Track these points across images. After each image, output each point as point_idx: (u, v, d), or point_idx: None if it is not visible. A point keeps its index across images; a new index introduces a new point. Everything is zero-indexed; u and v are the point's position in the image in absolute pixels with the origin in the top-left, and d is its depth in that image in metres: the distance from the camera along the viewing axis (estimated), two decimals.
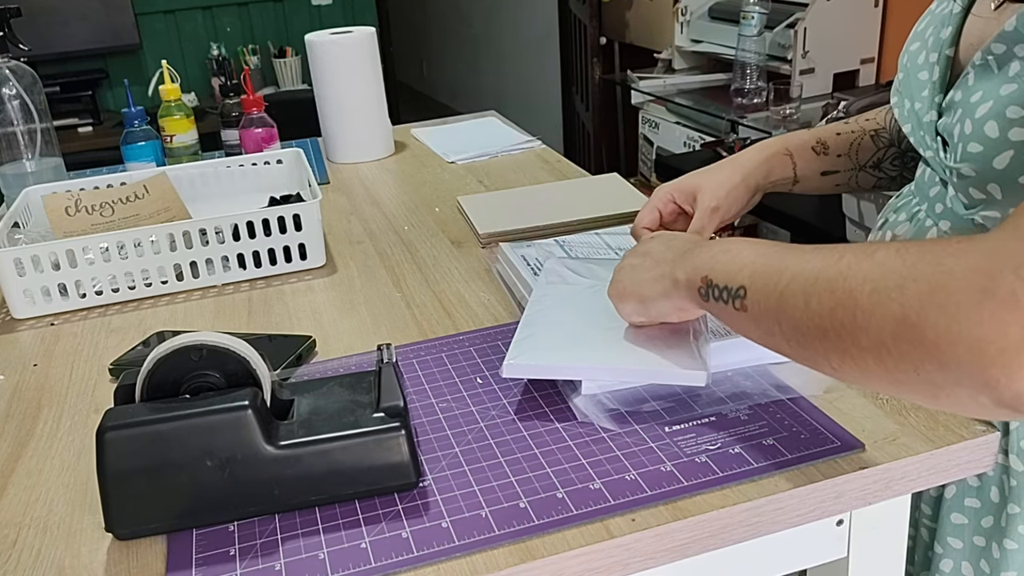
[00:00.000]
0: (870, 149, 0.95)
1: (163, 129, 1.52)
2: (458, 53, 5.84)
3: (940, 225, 0.79)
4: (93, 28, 3.65)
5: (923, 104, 0.79)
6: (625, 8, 3.31)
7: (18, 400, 0.85)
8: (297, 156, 1.31)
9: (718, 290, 0.64)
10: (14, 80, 1.38)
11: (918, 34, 0.84)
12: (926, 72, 0.80)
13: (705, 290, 0.66)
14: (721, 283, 0.64)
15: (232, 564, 0.60)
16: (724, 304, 0.63)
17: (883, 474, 0.64)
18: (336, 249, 1.16)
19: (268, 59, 4.04)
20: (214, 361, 0.65)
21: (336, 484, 0.64)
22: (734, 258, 0.64)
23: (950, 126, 0.74)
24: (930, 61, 0.79)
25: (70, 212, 1.13)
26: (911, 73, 0.82)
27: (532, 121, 3.55)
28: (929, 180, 0.82)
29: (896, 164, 0.95)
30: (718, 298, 0.64)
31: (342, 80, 1.53)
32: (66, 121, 3.50)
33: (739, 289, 0.62)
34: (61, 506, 0.68)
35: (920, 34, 0.83)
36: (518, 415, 0.73)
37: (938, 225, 0.80)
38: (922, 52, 0.81)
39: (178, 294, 1.07)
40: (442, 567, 0.58)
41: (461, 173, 1.46)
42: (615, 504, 0.62)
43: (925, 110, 0.79)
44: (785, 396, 0.73)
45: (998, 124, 0.67)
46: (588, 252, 1.01)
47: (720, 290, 0.64)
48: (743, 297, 0.61)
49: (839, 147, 0.95)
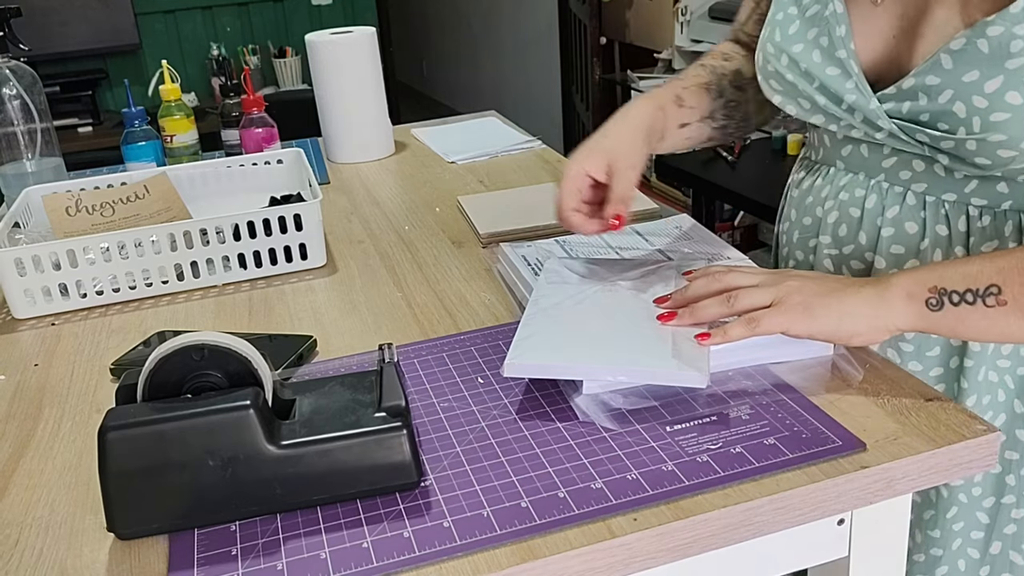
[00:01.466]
0: (707, 98, 0.98)
1: (163, 129, 1.52)
2: (458, 53, 5.84)
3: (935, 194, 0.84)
4: (93, 28, 3.65)
5: (856, 96, 0.83)
6: (625, 8, 3.32)
7: (19, 400, 0.85)
8: (297, 156, 1.32)
9: (958, 295, 0.70)
10: (14, 80, 1.38)
11: (791, 37, 0.88)
12: (835, 68, 0.84)
13: (937, 299, 0.70)
14: (961, 288, 0.69)
15: (234, 564, 0.60)
16: (970, 306, 0.69)
17: (884, 473, 0.64)
18: (337, 249, 1.16)
19: (268, 59, 4.05)
20: (216, 361, 0.65)
21: (338, 484, 0.64)
22: (958, 267, 0.71)
23: (927, 108, 0.78)
24: (837, 57, 0.84)
25: (70, 212, 1.13)
26: (814, 71, 0.86)
27: (532, 121, 3.55)
28: (874, 156, 0.87)
29: (724, 114, 0.99)
30: (959, 303, 0.70)
31: (342, 80, 1.53)
32: (66, 121, 3.51)
33: (990, 287, 0.69)
34: (63, 506, 0.68)
35: (797, 36, 0.87)
36: (519, 414, 0.74)
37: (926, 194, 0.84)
38: (813, 51, 0.86)
39: (179, 294, 1.07)
40: (444, 567, 0.58)
41: (461, 173, 1.46)
42: (617, 503, 0.62)
43: (861, 101, 0.82)
44: (786, 395, 0.73)
45: (1020, 92, 0.72)
46: (588, 252, 1.01)
47: (962, 294, 0.69)
48: (998, 293, 0.69)
49: (689, 98, 0.97)
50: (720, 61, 1.03)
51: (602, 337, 0.77)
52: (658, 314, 0.80)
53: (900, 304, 0.72)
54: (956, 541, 0.88)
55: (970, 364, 0.84)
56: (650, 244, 1.03)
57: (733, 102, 1.00)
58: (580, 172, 0.87)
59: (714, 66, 1.02)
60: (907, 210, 0.85)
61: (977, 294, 0.69)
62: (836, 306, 0.73)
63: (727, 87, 1.00)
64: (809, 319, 0.73)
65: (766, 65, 0.91)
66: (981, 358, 0.84)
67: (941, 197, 0.83)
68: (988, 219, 0.81)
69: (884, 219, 0.86)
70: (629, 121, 0.91)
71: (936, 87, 0.76)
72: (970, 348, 0.84)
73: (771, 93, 0.92)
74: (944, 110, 0.76)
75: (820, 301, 0.74)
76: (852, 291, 0.74)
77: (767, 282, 0.78)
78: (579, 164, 0.88)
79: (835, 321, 0.73)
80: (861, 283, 0.75)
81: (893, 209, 0.86)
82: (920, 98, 0.78)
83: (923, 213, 0.84)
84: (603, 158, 0.87)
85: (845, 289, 0.74)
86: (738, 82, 1.01)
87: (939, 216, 0.83)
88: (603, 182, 0.87)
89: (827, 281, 0.76)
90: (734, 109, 1.00)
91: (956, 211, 0.82)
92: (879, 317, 0.72)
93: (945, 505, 0.88)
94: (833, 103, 0.85)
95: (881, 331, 0.73)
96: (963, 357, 0.85)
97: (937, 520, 0.88)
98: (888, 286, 0.73)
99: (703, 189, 2.69)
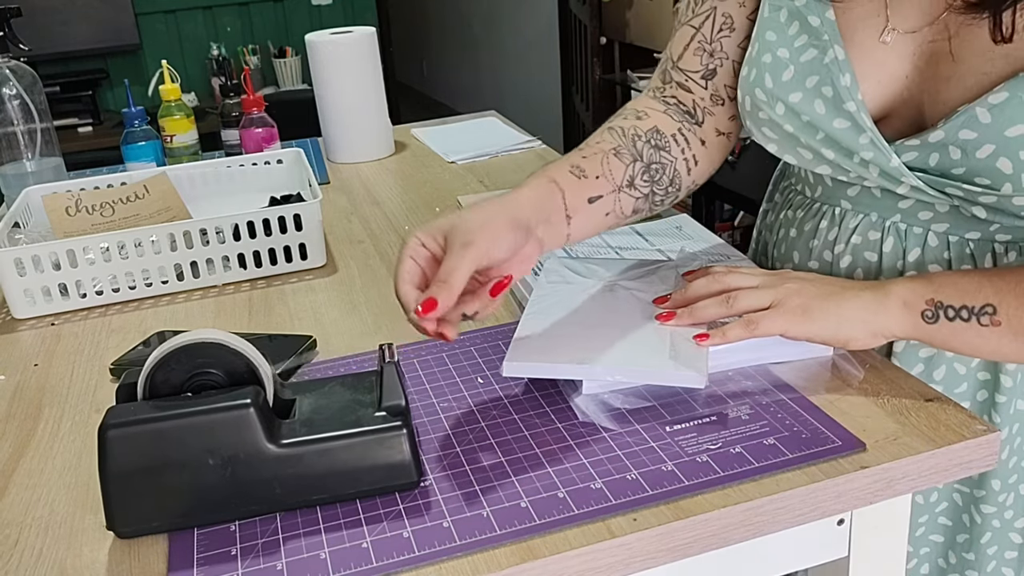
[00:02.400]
0: (619, 165, 0.83)
1: (163, 129, 1.52)
2: (458, 53, 5.84)
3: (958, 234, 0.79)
4: (93, 28, 3.65)
5: (873, 152, 0.77)
6: (625, 8, 3.31)
7: (19, 400, 0.85)
8: (297, 156, 1.32)
9: (954, 310, 0.69)
10: (14, 80, 1.38)
11: (786, 84, 0.80)
12: (844, 121, 0.77)
13: (933, 312, 0.70)
14: (957, 303, 0.69)
15: (234, 563, 0.60)
16: (964, 323, 0.69)
17: (884, 474, 0.64)
18: (337, 249, 1.16)
19: (268, 59, 4.05)
20: (216, 359, 0.65)
21: (338, 483, 0.64)
22: (957, 281, 0.69)
23: (960, 163, 0.73)
24: (846, 110, 0.77)
25: (70, 212, 1.13)
26: (818, 124, 0.79)
27: (532, 121, 3.55)
28: (887, 198, 0.81)
29: (646, 179, 0.85)
30: (954, 318, 0.69)
31: (342, 80, 1.53)
32: (66, 121, 3.51)
33: (985, 307, 0.69)
34: (62, 506, 0.68)
35: (793, 84, 0.80)
36: (519, 414, 0.73)
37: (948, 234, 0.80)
38: (814, 101, 0.79)
39: (179, 294, 1.07)
40: (443, 567, 0.58)
41: (461, 173, 1.46)
42: (616, 503, 0.62)
43: (880, 158, 0.77)
44: (786, 396, 0.73)
45: None
46: (588, 252, 1.01)
47: (957, 310, 0.69)
48: (992, 313, 0.69)
49: (593, 167, 0.82)
50: (632, 121, 0.88)
51: (601, 337, 0.77)
52: (657, 314, 0.80)
53: (896, 312, 0.72)
54: (991, 564, 0.87)
55: (1002, 400, 0.82)
56: (650, 244, 1.03)
57: (656, 164, 0.85)
58: (414, 242, 0.72)
59: (623, 127, 0.87)
60: (930, 252, 0.80)
61: (972, 311, 0.69)
62: (834, 310, 0.73)
63: (644, 148, 0.85)
64: (808, 322, 0.73)
65: (756, 112, 0.84)
66: (1012, 392, 0.81)
67: (965, 236, 0.79)
68: (1014, 254, 0.78)
69: (907, 264, 0.81)
70: (501, 198, 0.77)
71: (973, 141, 0.71)
72: (1002, 384, 0.81)
73: (764, 141, 0.85)
74: (985, 165, 0.71)
75: (819, 304, 0.73)
76: (851, 295, 0.73)
77: (767, 283, 0.77)
78: (418, 233, 0.73)
79: (833, 325, 0.73)
80: (860, 287, 0.74)
81: (915, 252, 0.81)
82: (952, 152, 0.73)
83: (947, 254, 0.80)
84: (442, 230, 0.72)
85: (844, 293, 0.74)
86: (656, 142, 0.87)
87: (964, 255, 0.79)
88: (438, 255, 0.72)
89: (826, 284, 0.76)
90: (657, 172, 0.86)
91: (981, 249, 0.79)
92: (876, 323, 0.72)
93: (979, 531, 0.86)
94: (843, 156, 0.79)
95: (877, 336, 0.73)
96: (994, 393, 0.82)
97: (972, 543, 0.87)
98: (887, 293, 0.72)
99: (703, 189, 2.69)
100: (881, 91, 0.78)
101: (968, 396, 0.83)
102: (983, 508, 0.85)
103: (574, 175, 0.81)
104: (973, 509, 0.86)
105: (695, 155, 0.89)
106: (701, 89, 0.90)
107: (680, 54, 0.91)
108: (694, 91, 0.90)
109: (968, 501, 0.86)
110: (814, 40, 0.79)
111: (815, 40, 0.79)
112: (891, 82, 0.78)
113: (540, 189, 0.79)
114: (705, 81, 0.90)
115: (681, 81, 0.91)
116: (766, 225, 1.01)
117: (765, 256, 1.00)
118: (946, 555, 0.89)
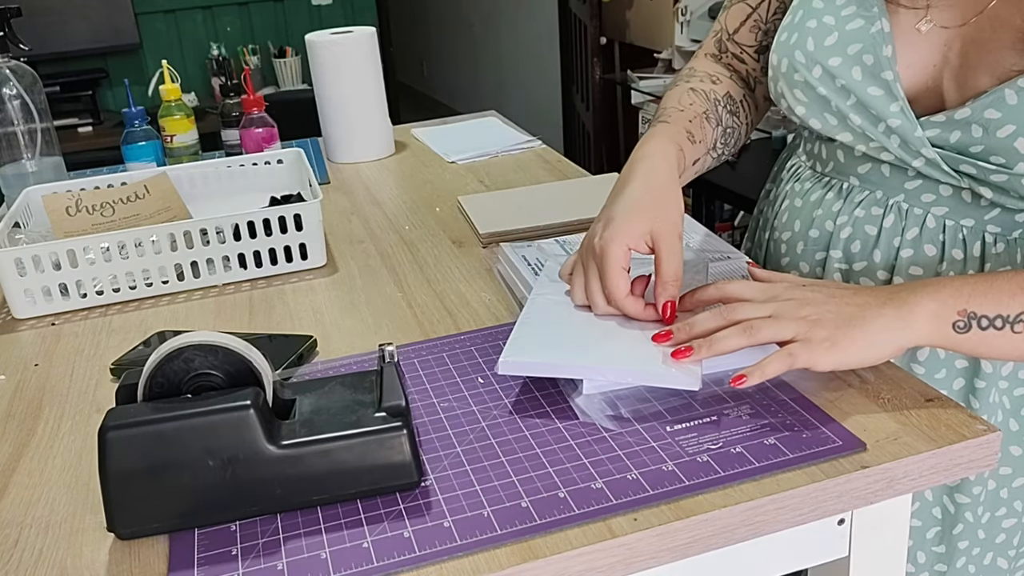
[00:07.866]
0: (709, 129, 0.93)
1: (163, 129, 1.52)
2: (458, 53, 5.84)
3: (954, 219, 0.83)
4: (93, 28, 3.65)
5: (901, 120, 0.81)
6: (625, 8, 3.32)
7: (19, 400, 0.85)
8: (297, 156, 1.32)
9: (988, 320, 0.69)
10: (14, 80, 1.38)
11: (828, 48, 0.84)
12: (878, 88, 0.82)
13: (965, 322, 0.69)
14: (992, 313, 0.69)
15: (234, 564, 0.60)
16: (997, 331, 0.69)
17: (884, 473, 0.64)
18: (337, 249, 1.16)
19: (268, 59, 4.05)
20: (216, 361, 0.65)
21: (338, 484, 0.64)
22: (988, 289, 0.69)
23: (980, 141, 0.76)
24: (883, 79, 0.81)
25: (71, 212, 1.13)
26: (853, 88, 0.83)
27: (532, 121, 3.55)
28: (896, 177, 0.85)
29: (723, 142, 0.96)
30: (987, 327, 0.69)
31: (342, 80, 1.53)
32: (66, 121, 3.51)
33: (1021, 314, 0.68)
34: (62, 506, 0.68)
35: (835, 49, 0.83)
36: (519, 414, 0.73)
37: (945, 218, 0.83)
38: (853, 67, 0.83)
39: (179, 294, 1.07)
40: (444, 567, 0.58)
41: (461, 173, 1.46)
42: (617, 503, 0.62)
43: (906, 127, 0.81)
44: (786, 395, 0.73)
45: None
46: None
47: (992, 320, 0.69)
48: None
49: (699, 132, 0.91)
50: (709, 84, 0.96)
51: (597, 337, 0.77)
52: (673, 351, 0.73)
53: (925, 325, 0.69)
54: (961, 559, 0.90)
55: (982, 385, 0.84)
56: None
57: (730, 129, 0.96)
58: (623, 252, 0.76)
59: (706, 91, 0.95)
60: (927, 232, 0.84)
61: (1007, 320, 0.68)
62: (861, 337, 0.69)
63: (723, 114, 0.95)
64: (837, 354, 0.69)
65: (792, 74, 0.87)
66: (991, 379, 0.84)
67: (960, 222, 0.82)
68: (1002, 246, 0.81)
69: (903, 240, 0.85)
70: (659, 172, 0.80)
71: (996, 121, 0.75)
72: (983, 370, 0.83)
73: (793, 103, 0.88)
74: (1004, 145, 0.75)
75: (844, 334, 0.69)
76: (873, 315, 0.70)
77: (781, 312, 0.72)
78: (620, 243, 0.76)
79: (862, 352, 0.69)
80: (880, 302, 0.70)
81: (913, 231, 0.84)
82: (974, 130, 0.77)
83: (942, 236, 0.83)
84: (645, 231, 0.76)
85: (865, 314, 0.70)
86: (730, 107, 0.96)
87: (956, 240, 0.83)
88: None
89: (844, 305, 0.71)
90: (730, 136, 0.96)
91: (972, 236, 0.82)
92: (903, 339, 0.70)
93: (952, 521, 0.88)
94: (870, 123, 0.83)
95: (902, 350, 0.71)
96: (973, 379, 0.84)
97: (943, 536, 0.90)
98: (912, 307, 0.69)
99: (703, 189, 2.70)
100: (910, 74, 0.82)
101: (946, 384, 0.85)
102: (957, 498, 0.87)
103: (690, 140, 0.88)
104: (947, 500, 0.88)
105: (752, 120, 1.00)
106: (754, 61, 1.01)
107: (736, 28, 1.01)
108: (747, 62, 1.01)
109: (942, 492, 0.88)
110: (863, 11, 0.83)
111: (864, 11, 0.83)
112: (920, 68, 0.82)
113: (672, 158, 0.84)
114: (758, 55, 1.00)
115: (736, 52, 1.01)
116: (768, 202, 1.04)
117: (764, 230, 1.02)
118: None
